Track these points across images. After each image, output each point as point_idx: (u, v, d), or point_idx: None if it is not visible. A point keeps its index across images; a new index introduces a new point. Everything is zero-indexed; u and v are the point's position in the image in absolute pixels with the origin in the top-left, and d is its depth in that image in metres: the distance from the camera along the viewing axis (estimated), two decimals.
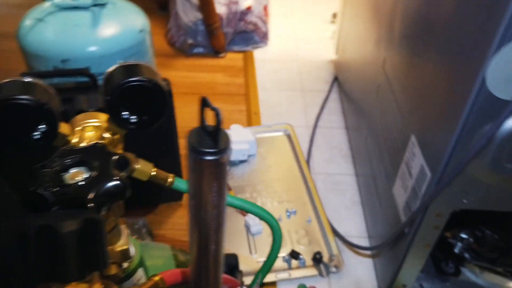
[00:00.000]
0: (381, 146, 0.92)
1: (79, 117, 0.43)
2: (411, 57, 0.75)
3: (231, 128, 1.24)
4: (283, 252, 0.97)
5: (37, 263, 0.22)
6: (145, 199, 1.06)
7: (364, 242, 1.01)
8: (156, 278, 0.35)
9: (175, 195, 1.10)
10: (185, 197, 1.12)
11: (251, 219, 1.05)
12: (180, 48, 1.65)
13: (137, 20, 1.00)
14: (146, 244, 0.48)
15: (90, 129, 0.41)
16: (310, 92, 1.47)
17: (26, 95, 0.34)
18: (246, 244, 1.01)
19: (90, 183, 0.30)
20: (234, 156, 1.20)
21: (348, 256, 0.99)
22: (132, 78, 0.36)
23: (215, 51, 1.65)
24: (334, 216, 1.06)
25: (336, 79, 1.50)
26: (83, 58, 0.88)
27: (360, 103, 1.16)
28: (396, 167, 0.79)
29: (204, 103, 0.24)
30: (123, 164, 0.34)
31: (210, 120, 0.24)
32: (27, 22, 0.97)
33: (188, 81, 1.54)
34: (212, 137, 0.24)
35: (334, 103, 1.42)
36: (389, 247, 0.84)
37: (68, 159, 0.32)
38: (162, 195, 1.09)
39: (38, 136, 0.35)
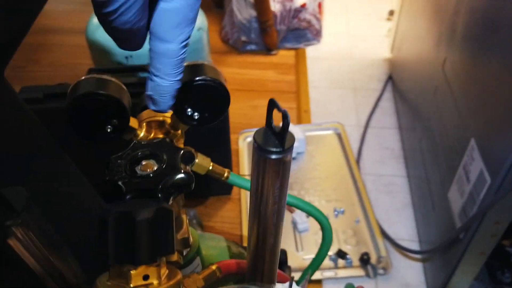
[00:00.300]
0: (437, 148, 0.89)
1: (144, 112, 0.46)
2: (474, 58, 0.72)
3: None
4: (330, 251, 0.97)
5: (114, 246, 0.24)
6: (196, 191, 1.10)
7: (414, 246, 0.98)
8: (213, 266, 0.37)
9: (224, 189, 1.13)
10: (234, 191, 1.14)
11: (299, 216, 1.06)
12: (233, 45, 1.68)
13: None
14: (202, 235, 0.51)
15: (155, 124, 0.44)
16: (363, 90, 1.44)
17: (102, 91, 0.37)
18: (292, 241, 1.02)
19: (159, 175, 0.32)
20: None
21: (397, 259, 0.97)
22: (198, 77, 0.38)
23: (267, 49, 1.67)
24: (383, 218, 1.05)
25: (390, 78, 1.47)
26: (145, 55, 0.93)
27: (415, 103, 1.13)
28: (453, 171, 0.77)
29: (272, 105, 0.25)
30: (189, 158, 0.36)
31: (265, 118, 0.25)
32: (95, 19, 1.04)
33: (240, 77, 1.57)
34: (278, 137, 0.25)
35: (388, 103, 1.39)
36: (442, 252, 0.82)
37: (140, 152, 0.35)
38: (212, 188, 1.12)
39: (111, 130, 0.38)
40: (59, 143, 0.45)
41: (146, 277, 0.26)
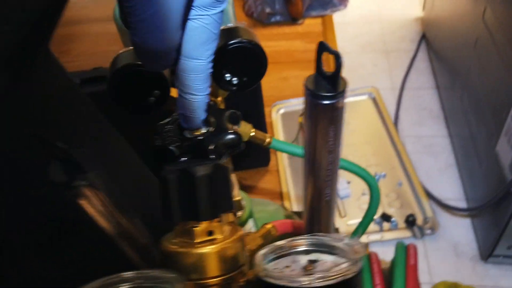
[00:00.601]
0: (481, 103, 0.86)
1: None
2: None
3: None
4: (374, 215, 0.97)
5: (177, 204, 0.25)
6: (234, 164, 1.12)
7: (461, 205, 0.96)
8: (269, 226, 0.38)
9: (262, 161, 1.13)
10: (272, 163, 1.15)
11: (340, 183, 1.05)
12: (258, 18, 1.66)
13: None
14: (252, 199, 0.52)
15: None
16: (395, 52, 1.40)
17: None
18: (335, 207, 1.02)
19: (210, 136, 0.32)
20: None
21: (444, 219, 0.95)
22: (233, 40, 0.38)
23: (293, 18, 1.64)
24: (426, 179, 1.02)
25: (423, 37, 1.41)
26: None
27: (453, 60, 1.09)
28: (500, 124, 0.74)
29: (322, 48, 0.25)
30: (235, 118, 0.36)
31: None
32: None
33: (267, 50, 1.54)
34: (329, 81, 0.25)
35: (422, 63, 1.34)
36: (492, 207, 0.79)
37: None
38: (249, 160, 1.13)
39: (153, 101, 0.38)
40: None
41: (210, 233, 0.26)
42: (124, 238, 0.26)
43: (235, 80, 0.40)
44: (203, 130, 0.34)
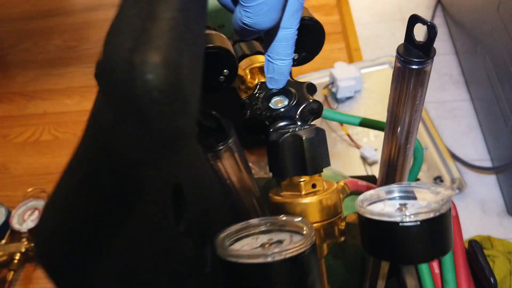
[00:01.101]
0: (506, 64, 0.89)
1: (243, 62, 0.50)
2: None
3: (335, 66, 1.27)
4: None
5: (289, 162, 0.29)
6: None
7: (487, 164, 1.01)
8: (341, 183, 0.42)
9: None
10: None
11: (366, 150, 1.10)
12: None
13: None
14: None
15: (256, 70, 0.48)
16: None
17: (213, 44, 0.41)
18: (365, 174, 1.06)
19: (295, 105, 0.36)
20: (340, 94, 1.24)
21: (471, 179, 1.00)
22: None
23: None
24: (451, 142, 1.07)
25: (439, 2, 1.43)
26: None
27: (473, 24, 1.11)
28: None
29: (415, 19, 0.29)
30: (312, 89, 0.40)
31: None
32: None
33: None
34: (421, 49, 0.29)
35: (440, 29, 1.36)
36: None
37: (269, 91, 0.39)
38: None
39: (223, 79, 0.42)
40: None
41: (313, 186, 0.31)
42: (246, 191, 0.31)
43: (296, 56, 0.44)
44: (285, 102, 0.39)
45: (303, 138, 0.30)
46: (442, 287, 0.49)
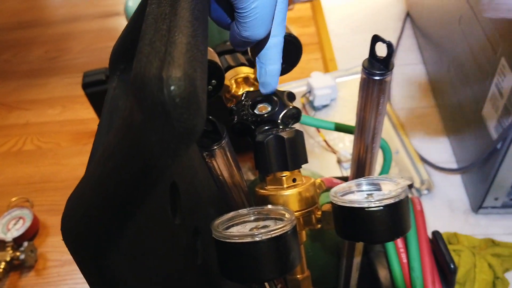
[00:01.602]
0: (467, 74, 0.97)
1: (228, 73, 0.55)
2: None
3: (312, 75, 1.33)
4: None
5: (273, 159, 0.34)
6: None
7: (453, 166, 1.08)
8: (318, 180, 0.48)
9: None
10: None
11: (342, 155, 1.16)
12: None
13: None
14: None
15: (241, 80, 0.53)
16: (383, 31, 1.50)
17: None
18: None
19: (277, 111, 0.41)
20: (317, 102, 1.30)
21: (438, 180, 1.07)
22: None
23: None
24: (420, 146, 1.14)
25: (408, 15, 1.52)
26: None
27: (438, 36, 1.19)
28: (485, 91, 0.85)
29: (376, 39, 0.34)
30: (292, 97, 0.45)
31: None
32: (130, 3, 1.11)
33: None
34: (382, 63, 0.35)
35: (409, 40, 1.45)
36: (480, 164, 0.91)
37: (254, 99, 0.43)
38: None
39: (211, 89, 0.47)
40: None
41: (294, 180, 0.36)
42: (236, 187, 0.36)
43: None
44: (269, 108, 0.44)
45: (285, 138, 0.35)
46: (410, 275, 0.55)
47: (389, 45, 0.32)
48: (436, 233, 0.55)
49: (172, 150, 0.19)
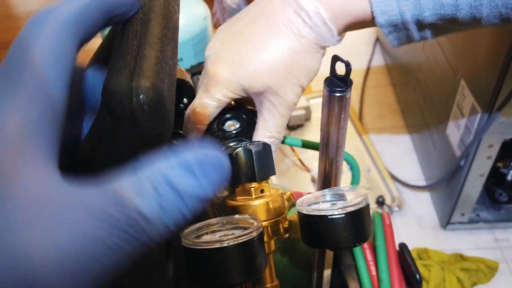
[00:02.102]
0: (431, 95, 1.02)
1: None
2: None
3: None
4: None
5: (242, 171, 0.36)
6: None
7: (421, 183, 1.12)
8: (288, 193, 0.49)
9: None
10: None
11: (316, 173, 1.18)
12: None
13: (200, 8, 1.13)
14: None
15: None
16: (354, 55, 1.56)
17: (178, 77, 0.48)
18: None
19: (243, 128, 0.43)
20: (292, 122, 1.33)
21: (408, 197, 1.11)
22: None
23: None
24: (391, 164, 1.18)
25: (377, 39, 1.58)
26: None
27: (405, 59, 1.25)
28: (448, 111, 0.90)
29: (335, 58, 0.37)
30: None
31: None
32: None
33: None
34: (341, 81, 0.37)
35: (379, 63, 1.51)
36: (446, 182, 0.95)
37: (223, 117, 0.45)
38: None
39: (183, 107, 0.48)
40: None
41: (262, 191, 0.37)
42: None
43: None
44: (237, 125, 0.45)
45: (253, 151, 0.37)
46: (379, 286, 0.56)
47: (347, 64, 0.35)
48: (402, 246, 0.57)
49: (141, 155, 0.21)
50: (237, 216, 0.35)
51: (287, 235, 0.38)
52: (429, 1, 0.35)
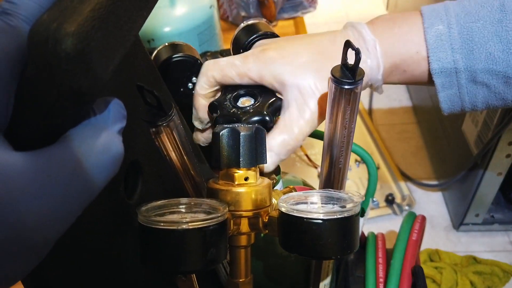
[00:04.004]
0: None
1: None
2: None
3: None
4: None
5: (225, 154, 0.32)
6: None
7: (433, 182, 1.07)
8: (291, 187, 0.45)
9: None
10: None
11: None
12: (233, 22, 1.73)
13: None
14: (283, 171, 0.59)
15: None
16: None
17: (182, 53, 0.44)
18: None
19: (259, 104, 0.38)
20: None
21: (419, 196, 1.06)
22: (255, 34, 0.44)
23: (267, 21, 1.72)
24: (401, 162, 1.13)
25: None
26: (166, 37, 0.99)
27: None
28: None
29: (347, 45, 0.32)
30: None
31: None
32: None
33: None
34: (350, 72, 0.33)
35: None
36: (461, 181, 0.90)
37: (236, 93, 0.40)
38: None
39: (192, 86, 0.44)
40: None
41: (246, 179, 0.33)
42: (185, 172, 0.34)
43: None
44: (252, 101, 0.40)
45: (240, 133, 0.33)
46: None
47: (357, 52, 0.30)
48: (418, 269, 0.53)
49: (60, 109, 0.18)
50: (208, 200, 0.31)
51: (266, 231, 0.34)
52: (481, 53, 0.35)
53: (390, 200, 1.04)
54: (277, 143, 0.38)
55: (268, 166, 0.38)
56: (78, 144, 0.18)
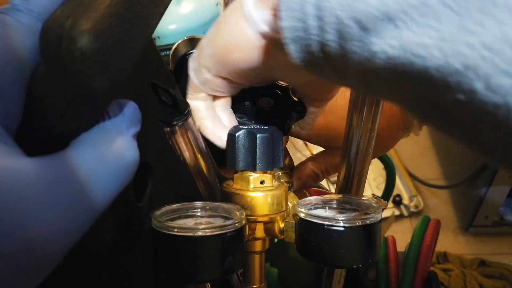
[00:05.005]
0: None
1: None
2: None
3: None
4: None
5: (241, 156, 0.31)
6: None
7: (441, 183, 1.06)
8: (304, 190, 0.44)
9: None
10: None
11: None
12: None
13: None
14: None
15: None
16: None
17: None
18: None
19: (279, 106, 0.37)
20: None
21: (427, 196, 1.05)
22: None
23: None
24: (409, 162, 1.12)
25: None
26: (171, 35, 0.98)
27: None
28: None
29: None
30: (295, 92, 0.41)
31: None
32: None
33: None
34: None
35: None
36: (470, 182, 0.89)
37: (256, 93, 0.39)
38: None
39: None
40: None
41: (262, 182, 0.32)
42: (199, 173, 0.33)
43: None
44: (272, 102, 0.39)
45: (257, 136, 0.32)
46: None
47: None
48: (432, 274, 0.52)
49: (74, 112, 0.17)
50: (224, 204, 0.30)
51: (282, 237, 0.33)
52: None
53: (397, 201, 1.03)
54: None
55: None
56: (91, 149, 0.17)
